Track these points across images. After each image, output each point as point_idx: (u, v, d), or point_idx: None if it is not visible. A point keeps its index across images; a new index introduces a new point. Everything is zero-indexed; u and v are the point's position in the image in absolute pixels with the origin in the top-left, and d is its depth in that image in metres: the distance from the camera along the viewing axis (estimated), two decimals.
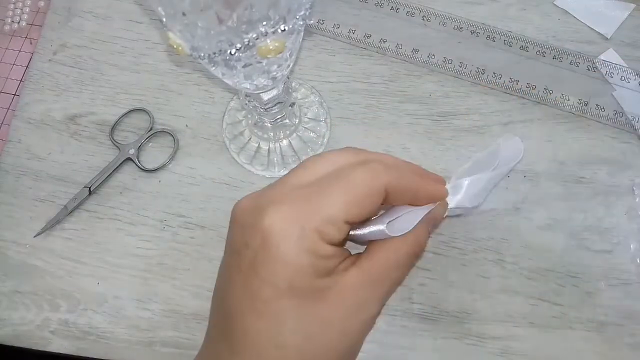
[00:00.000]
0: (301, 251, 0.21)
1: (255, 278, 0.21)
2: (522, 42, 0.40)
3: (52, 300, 0.36)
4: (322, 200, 0.21)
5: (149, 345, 0.35)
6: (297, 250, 0.21)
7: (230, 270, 0.22)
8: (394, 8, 0.41)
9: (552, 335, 0.33)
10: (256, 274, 0.21)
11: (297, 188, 0.22)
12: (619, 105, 0.38)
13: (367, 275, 0.23)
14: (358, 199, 0.22)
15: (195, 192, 0.38)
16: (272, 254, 0.21)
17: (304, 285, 0.21)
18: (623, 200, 0.36)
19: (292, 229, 0.21)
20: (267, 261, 0.21)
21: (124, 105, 0.40)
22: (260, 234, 0.21)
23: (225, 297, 0.22)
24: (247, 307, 0.21)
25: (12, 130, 0.40)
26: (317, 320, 0.21)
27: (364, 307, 0.23)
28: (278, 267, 0.21)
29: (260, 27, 0.24)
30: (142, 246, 0.37)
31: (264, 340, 0.21)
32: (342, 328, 0.22)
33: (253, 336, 0.21)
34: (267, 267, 0.21)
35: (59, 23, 0.43)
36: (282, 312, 0.21)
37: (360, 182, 0.22)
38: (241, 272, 0.21)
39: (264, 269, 0.21)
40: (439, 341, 0.34)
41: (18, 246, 0.37)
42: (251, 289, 0.21)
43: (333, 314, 0.22)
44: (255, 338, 0.21)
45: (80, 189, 0.38)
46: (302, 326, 0.21)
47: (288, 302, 0.21)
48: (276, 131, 0.38)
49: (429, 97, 0.40)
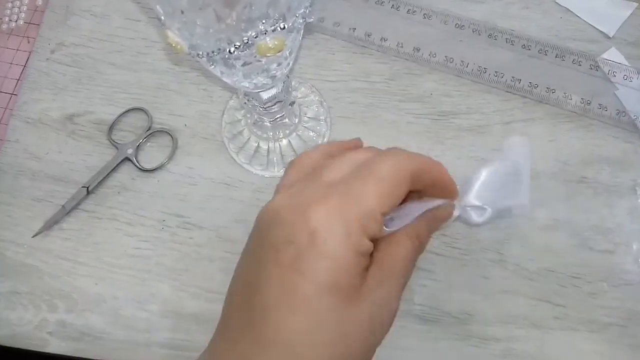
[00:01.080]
0: (348, 248, 0.21)
1: (296, 274, 0.21)
2: (524, 41, 0.39)
3: (50, 300, 0.36)
4: (359, 195, 0.22)
5: (147, 346, 0.34)
6: (345, 247, 0.21)
7: (266, 265, 0.22)
8: (394, 6, 0.41)
9: (554, 336, 0.33)
10: (298, 270, 0.21)
11: (331, 186, 0.23)
12: (622, 105, 0.37)
13: (384, 271, 0.23)
14: (389, 189, 0.23)
15: (194, 192, 0.38)
16: (318, 251, 0.21)
17: (346, 283, 0.21)
18: (625, 200, 0.36)
19: (339, 226, 0.21)
20: (313, 258, 0.21)
21: (122, 105, 0.40)
22: (306, 231, 0.21)
23: (257, 291, 0.22)
24: (284, 302, 0.21)
25: (9, 130, 0.40)
26: (351, 319, 0.22)
27: (386, 304, 0.23)
28: (324, 265, 0.21)
29: (260, 26, 0.24)
30: (141, 246, 0.37)
31: (298, 336, 0.21)
32: (371, 326, 0.23)
33: (287, 332, 0.21)
34: (312, 264, 0.21)
35: (57, 22, 0.43)
36: (321, 310, 0.21)
37: (387, 173, 0.23)
38: (281, 268, 0.21)
39: (308, 265, 0.21)
40: (440, 342, 0.34)
41: (16, 246, 0.37)
42: (290, 285, 0.21)
43: (364, 312, 0.22)
44: (289, 334, 0.21)
45: (78, 189, 0.37)
46: (338, 325, 0.21)
47: (327, 300, 0.21)
48: (276, 130, 0.38)
49: (429, 96, 0.39)
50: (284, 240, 0.22)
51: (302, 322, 0.21)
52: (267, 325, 0.21)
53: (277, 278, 0.21)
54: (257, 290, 0.22)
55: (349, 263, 0.21)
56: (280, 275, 0.21)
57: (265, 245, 0.23)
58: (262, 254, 0.22)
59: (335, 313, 0.21)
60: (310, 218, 0.21)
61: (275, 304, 0.21)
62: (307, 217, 0.21)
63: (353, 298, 0.22)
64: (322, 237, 0.21)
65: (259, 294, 0.22)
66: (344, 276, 0.21)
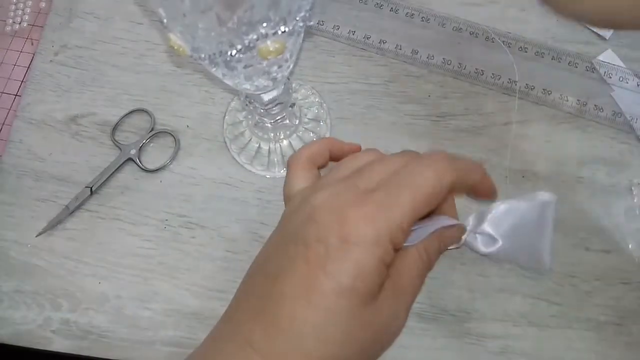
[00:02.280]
0: (374, 256, 0.22)
1: (320, 271, 0.22)
2: (521, 43, 0.40)
3: (54, 299, 0.36)
4: (393, 206, 0.22)
5: (150, 345, 0.35)
6: (372, 255, 0.22)
7: (294, 259, 0.23)
8: (393, 9, 0.42)
9: (551, 334, 0.34)
10: (323, 267, 0.22)
11: (369, 192, 0.23)
12: (618, 106, 0.38)
13: (397, 284, 0.24)
14: (425, 200, 0.23)
15: (196, 192, 0.38)
16: (346, 254, 0.21)
17: (365, 289, 0.22)
18: (621, 200, 0.36)
19: (370, 233, 0.22)
20: (339, 260, 0.21)
21: (125, 106, 0.41)
22: (339, 234, 0.22)
23: (276, 281, 0.23)
24: (300, 295, 0.22)
25: (13, 131, 0.41)
26: (362, 325, 0.22)
27: (396, 317, 0.24)
28: (349, 268, 0.21)
29: (261, 29, 0.24)
30: (143, 246, 0.37)
31: (309, 330, 0.21)
32: (378, 336, 0.23)
33: (298, 324, 0.21)
34: (337, 264, 0.21)
35: (60, 24, 0.44)
36: (336, 310, 0.21)
37: (425, 183, 0.23)
38: (307, 264, 0.22)
39: (333, 265, 0.21)
40: (439, 340, 0.34)
41: (20, 246, 0.37)
42: (313, 281, 0.22)
43: (375, 321, 0.23)
44: (299, 327, 0.21)
45: (82, 189, 0.38)
46: (349, 327, 0.22)
47: (345, 301, 0.21)
48: (276, 132, 0.39)
49: (428, 97, 0.40)
50: (316, 239, 0.22)
51: (315, 317, 0.21)
52: (281, 314, 0.22)
53: (301, 272, 0.22)
54: (276, 280, 0.23)
55: (372, 271, 0.22)
56: (304, 270, 0.22)
57: (296, 240, 0.23)
58: (291, 247, 0.23)
59: (349, 316, 0.22)
60: (344, 222, 0.22)
61: (292, 295, 0.22)
62: (342, 220, 0.22)
63: (368, 305, 0.22)
64: (352, 242, 0.21)
65: (279, 284, 0.22)
66: (364, 282, 0.22)
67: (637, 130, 0.37)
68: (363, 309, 0.22)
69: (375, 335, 0.23)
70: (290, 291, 0.22)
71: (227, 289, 0.36)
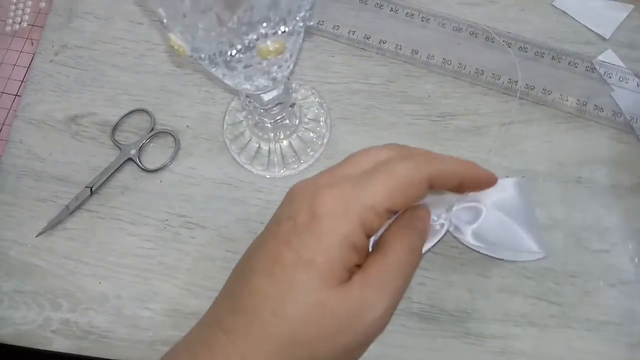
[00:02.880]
0: (340, 235, 0.22)
1: (285, 245, 0.22)
2: (520, 43, 0.40)
3: (54, 299, 0.36)
4: (367, 187, 0.23)
5: (150, 345, 0.35)
6: (338, 233, 0.22)
7: (265, 236, 0.23)
8: (393, 9, 0.42)
9: (551, 334, 0.34)
10: (288, 242, 0.22)
11: (346, 177, 0.23)
12: (618, 106, 0.38)
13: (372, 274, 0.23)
14: (400, 187, 0.23)
15: (196, 192, 0.38)
16: (312, 230, 0.22)
17: (326, 266, 0.22)
18: (621, 200, 0.36)
19: (339, 212, 0.22)
20: (305, 235, 0.22)
21: (125, 106, 0.41)
22: (308, 210, 0.22)
23: (249, 258, 0.23)
24: (264, 269, 0.22)
25: (13, 131, 0.41)
26: (322, 306, 0.22)
27: (368, 308, 0.23)
28: (312, 243, 0.21)
29: (261, 29, 0.24)
30: (143, 246, 0.37)
31: (267, 304, 0.21)
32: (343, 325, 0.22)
33: (258, 298, 0.22)
34: (301, 237, 0.22)
35: (60, 24, 0.44)
36: (295, 284, 0.21)
37: (402, 171, 0.23)
38: (276, 240, 0.22)
39: (297, 238, 0.22)
40: (439, 340, 0.34)
41: (20, 246, 0.37)
42: (276, 254, 0.22)
43: (338, 307, 0.22)
44: (259, 300, 0.22)
45: (82, 189, 0.38)
46: (306, 306, 0.21)
47: (303, 276, 0.21)
48: (276, 131, 0.39)
49: (428, 97, 0.40)
50: (287, 216, 0.23)
51: (274, 290, 0.21)
52: (244, 289, 0.22)
53: (267, 247, 0.22)
54: (249, 257, 0.23)
55: (334, 246, 0.22)
56: (272, 246, 0.22)
57: (272, 220, 0.24)
58: (267, 226, 0.24)
59: (307, 293, 0.21)
60: (315, 200, 0.22)
61: (257, 270, 0.22)
62: (313, 198, 0.22)
63: (331, 288, 0.22)
64: (320, 219, 0.22)
65: (249, 260, 0.23)
66: (326, 257, 0.21)
67: (637, 130, 0.37)
68: (325, 289, 0.21)
69: (338, 323, 0.22)
70: (255, 266, 0.22)
71: None
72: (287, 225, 0.22)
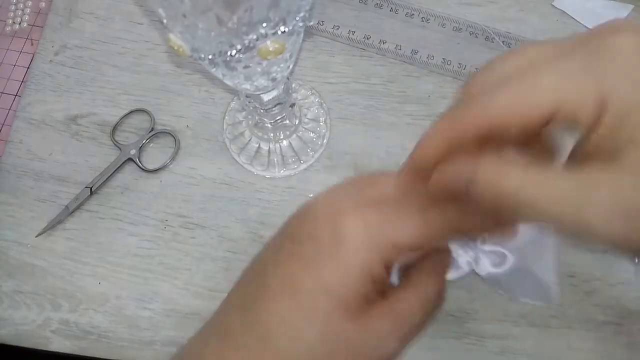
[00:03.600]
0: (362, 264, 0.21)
1: (305, 268, 0.21)
2: (520, 43, 0.40)
3: (54, 299, 0.36)
4: (392, 222, 0.22)
5: (150, 345, 0.35)
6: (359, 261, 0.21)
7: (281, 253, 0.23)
8: (393, 9, 0.42)
9: (550, 334, 0.34)
10: (309, 265, 0.21)
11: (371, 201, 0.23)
12: None
13: (390, 309, 0.23)
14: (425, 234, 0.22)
15: (196, 192, 0.38)
16: (334, 254, 0.21)
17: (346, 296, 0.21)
18: None
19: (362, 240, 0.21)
20: (325, 259, 0.21)
21: (125, 106, 0.41)
22: (332, 234, 0.22)
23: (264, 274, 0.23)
24: (282, 291, 0.22)
25: (13, 131, 0.41)
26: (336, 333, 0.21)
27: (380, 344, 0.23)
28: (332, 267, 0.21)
29: (261, 29, 0.24)
30: (143, 246, 0.37)
31: (284, 328, 0.21)
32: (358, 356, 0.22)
33: (274, 320, 0.21)
34: (323, 263, 0.21)
35: (60, 24, 0.44)
36: (314, 310, 0.21)
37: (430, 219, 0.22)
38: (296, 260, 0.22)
39: (318, 263, 0.21)
40: (438, 340, 0.34)
41: (20, 246, 0.37)
42: (297, 277, 0.22)
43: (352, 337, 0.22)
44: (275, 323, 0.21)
45: (82, 189, 0.38)
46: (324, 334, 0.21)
47: (323, 303, 0.21)
48: (276, 132, 0.39)
49: (428, 97, 0.40)
50: (310, 237, 0.22)
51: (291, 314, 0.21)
52: (259, 308, 0.22)
53: (287, 268, 0.22)
54: (265, 273, 0.23)
55: (356, 277, 0.21)
56: (292, 267, 0.22)
57: (290, 235, 0.23)
58: (283, 242, 0.23)
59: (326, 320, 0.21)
60: (340, 225, 0.22)
61: (275, 290, 0.22)
62: (338, 222, 0.22)
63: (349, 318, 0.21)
64: (343, 247, 0.21)
65: (267, 276, 0.22)
66: (347, 287, 0.21)
67: None
68: (344, 320, 0.21)
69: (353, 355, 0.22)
70: (274, 285, 0.22)
71: (227, 289, 0.35)
72: (308, 247, 0.22)
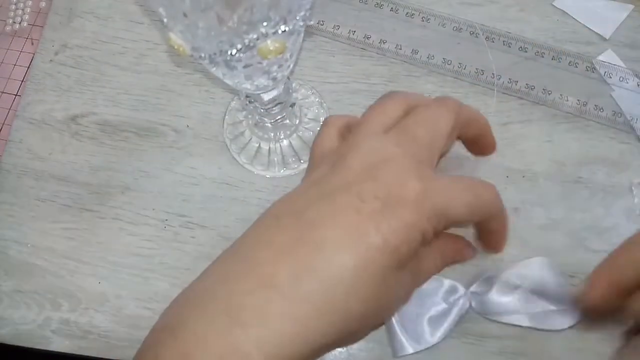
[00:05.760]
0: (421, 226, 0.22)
1: (372, 224, 0.22)
2: (520, 43, 0.40)
3: (54, 299, 0.36)
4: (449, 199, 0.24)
5: None
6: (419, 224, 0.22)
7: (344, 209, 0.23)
8: (393, 9, 0.42)
9: (551, 334, 0.34)
10: (375, 222, 0.22)
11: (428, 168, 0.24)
12: (618, 106, 0.38)
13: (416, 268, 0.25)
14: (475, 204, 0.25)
15: (196, 192, 0.38)
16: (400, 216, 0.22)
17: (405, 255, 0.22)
18: (622, 200, 0.36)
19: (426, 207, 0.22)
20: (393, 219, 0.22)
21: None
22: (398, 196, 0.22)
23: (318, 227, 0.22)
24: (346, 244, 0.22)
25: (13, 131, 0.41)
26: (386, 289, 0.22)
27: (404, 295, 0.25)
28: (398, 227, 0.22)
29: (261, 28, 0.24)
30: (144, 245, 0.37)
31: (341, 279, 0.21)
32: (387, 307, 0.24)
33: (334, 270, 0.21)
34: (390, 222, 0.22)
35: (60, 23, 0.44)
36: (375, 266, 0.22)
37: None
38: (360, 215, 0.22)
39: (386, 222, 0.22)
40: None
41: (19, 245, 0.37)
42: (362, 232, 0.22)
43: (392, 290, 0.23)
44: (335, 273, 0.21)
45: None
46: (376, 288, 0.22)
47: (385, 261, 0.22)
48: (276, 131, 0.39)
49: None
50: (374, 196, 0.22)
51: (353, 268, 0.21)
52: (317, 257, 0.22)
53: (350, 221, 0.22)
54: (316, 225, 0.22)
55: (415, 238, 0.22)
56: (355, 221, 0.22)
57: (349, 192, 0.23)
58: (341, 198, 0.23)
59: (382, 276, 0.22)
60: (405, 188, 0.23)
61: (335, 242, 0.22)
62: (403, 186, 0.23)
63: (396, 272, 0.22)
64: (408, 207, 0.22)
65: (320, 228, 0.22)
66: (408, 247, 0.22)
67: (637, 130, 0.37)
68: (393, 273, 0.22)
69: (386, 305, 0.24)
70: (334, 237, 0.22)
71: None
72: (374, 204, 0.22)
